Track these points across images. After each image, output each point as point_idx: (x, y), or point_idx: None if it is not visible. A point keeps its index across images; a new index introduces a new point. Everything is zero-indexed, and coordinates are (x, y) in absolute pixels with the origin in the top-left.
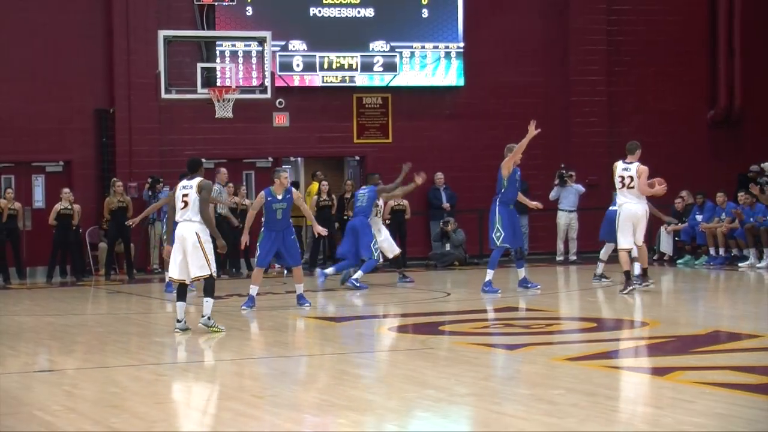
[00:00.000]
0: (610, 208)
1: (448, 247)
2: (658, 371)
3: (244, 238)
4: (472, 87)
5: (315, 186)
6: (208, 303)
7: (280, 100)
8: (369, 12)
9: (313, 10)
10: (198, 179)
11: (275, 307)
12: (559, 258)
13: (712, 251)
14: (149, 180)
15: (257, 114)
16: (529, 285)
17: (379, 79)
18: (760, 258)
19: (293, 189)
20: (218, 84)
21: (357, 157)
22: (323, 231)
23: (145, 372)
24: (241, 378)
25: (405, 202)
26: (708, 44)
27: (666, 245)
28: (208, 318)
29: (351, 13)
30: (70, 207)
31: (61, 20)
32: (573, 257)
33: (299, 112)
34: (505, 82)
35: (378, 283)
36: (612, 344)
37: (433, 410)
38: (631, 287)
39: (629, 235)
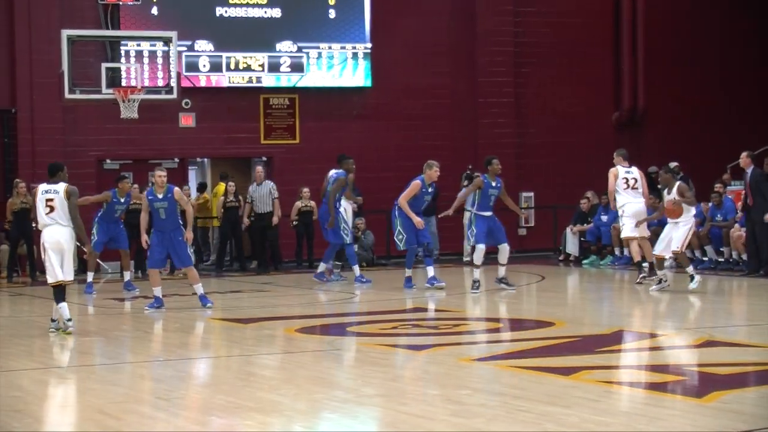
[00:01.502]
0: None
1: (356, 248)
2: (564, 371)
3: (144, 238)
4: (380, 88)
5: (221, 187)
6: (64, 307)
7: (186, 100)
8: (276, 12)
9: (220, 10)
10: (63, 184)
11: (182, 308)
12: (466, 259)
13: (617, 251)
14: None
15: (163, 114)
16: (436, 283)
17: (286, 79)
18: None
19: (175, 188)
20: (123, 84)
21: (264, 158)
22: (190, 238)
23: (48, 375)
24: (146, 380)
25: (312, 203)
26: (612, 46)
27: (572, 245)
28: (69, 319)
29: (258, 13)
30: None
31: None
32: None
33: (206, 112)
34: (412, 84)
35: (286, 285)
36: (518, 344)
37: (341, 411)
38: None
39: (633, 229)
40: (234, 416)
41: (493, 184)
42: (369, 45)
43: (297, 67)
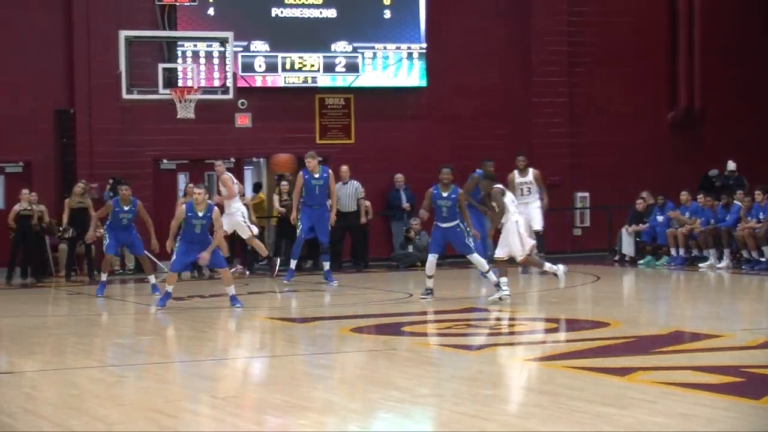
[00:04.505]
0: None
1: (411, 249)
2: (620, 371)
3: (170, 243)
4: (434, 88)
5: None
6: None
7: (243, 100)
8: (331, 13)
9: (275, 11)
10: None
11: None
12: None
13: (673, 252)
14: (110, 181)
15: (219, 115)
16: (331, 280)
17: (341, 79)
18: (720, 258)
19: (215, 208)
20: (180, 84)
21: (319, 158)
22: (206, 256)
23: (106, 374)
24: (202, 379)
25: (368, 203)
26: (668, 45)
27: (627, 246)
28: None
29: (313, 13)
30: (30, 208)
31: (21, 20)
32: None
33: (261, 112)
34: (466, 83)
35: (341, 284)
36: (574, 345)
37: (396, 411)
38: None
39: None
40: (289, 415)
41: (445, 194)
42: (424, 45)
43: (352, 68)
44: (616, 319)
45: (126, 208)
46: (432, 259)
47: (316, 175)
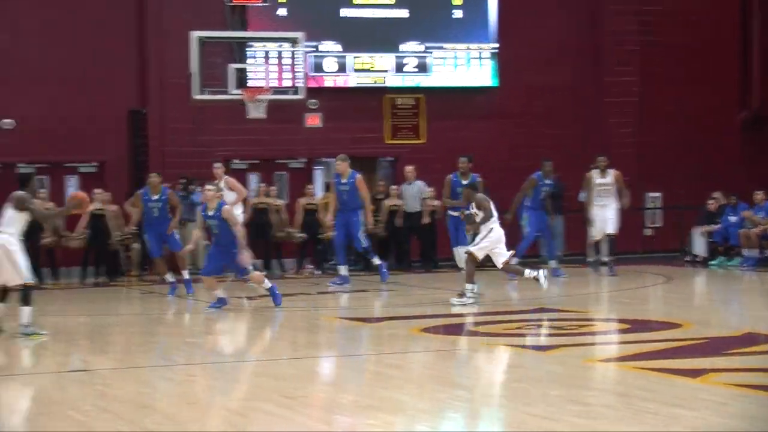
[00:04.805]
0: None
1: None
2: (691, 373)
3: (190, 247)
4: (505, 87)
5: None
6: (25, 311)
7: (313, 101)
8: (401, 13)
9: (345, 11)
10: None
11: (305, 307)
12: (590, 259)
13: (745, 252)
14: (182, 180)
15: (289, 115)
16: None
17: (411, 79)
18: None
19: (224, 207)
20: (250, 85)
21: (390, 158)
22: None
23: (177, 372)
24: (271, 378)
25: (437, 202)
26: (740, 46)
27: (699, 247)
28: (26, 326)
29: (383, 13)
30: (102, 208)
31: (94, 21)
32: (604, 258)
33: (331, 112)
34: (537, 83)
35: (409, 284)
36: (645, 345)
37: (465, 411)
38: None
39: None
40: (358, 415)
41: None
42: (495, 45)
43: (422, 68)
44: (687, 320)
45: (155, 197)
46: (460, 250)
47: (343, 180)
